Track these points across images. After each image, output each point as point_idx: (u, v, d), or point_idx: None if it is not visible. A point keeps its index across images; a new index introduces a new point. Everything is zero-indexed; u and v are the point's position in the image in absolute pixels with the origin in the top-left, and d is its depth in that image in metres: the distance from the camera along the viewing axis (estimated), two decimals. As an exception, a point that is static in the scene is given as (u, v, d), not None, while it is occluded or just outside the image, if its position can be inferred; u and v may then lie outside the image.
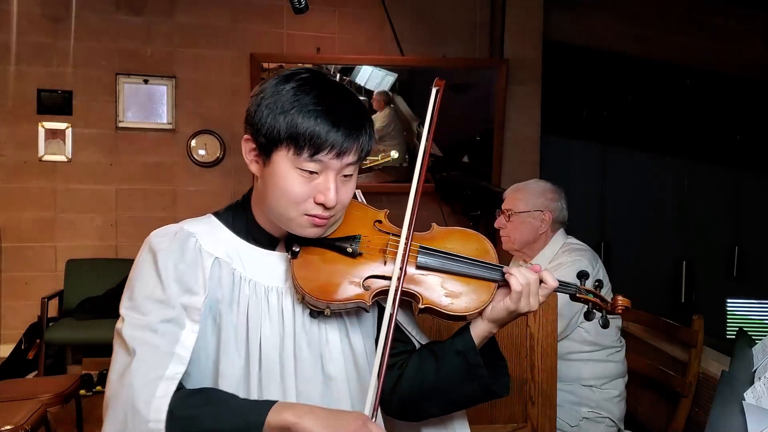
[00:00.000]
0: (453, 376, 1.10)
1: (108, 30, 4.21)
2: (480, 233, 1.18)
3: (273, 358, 1.07)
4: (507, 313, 1.10)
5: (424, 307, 1.08)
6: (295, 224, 1.06)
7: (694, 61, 5.07)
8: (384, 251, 1.11)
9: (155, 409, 0.92)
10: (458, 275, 1.11)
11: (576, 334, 2.12)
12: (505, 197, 2.31)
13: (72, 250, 4.15)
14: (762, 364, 1.29)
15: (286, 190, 1.03)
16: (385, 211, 1.18)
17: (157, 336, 1.00)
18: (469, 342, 1.11)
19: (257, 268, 1.10)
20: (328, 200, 1.03)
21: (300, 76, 1.05)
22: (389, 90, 4.54)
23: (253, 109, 1.05)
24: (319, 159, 1.02)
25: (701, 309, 4.46)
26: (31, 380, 3.44)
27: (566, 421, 2.08)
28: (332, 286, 1.07)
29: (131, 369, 0.96)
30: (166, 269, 1.04)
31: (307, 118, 1.00)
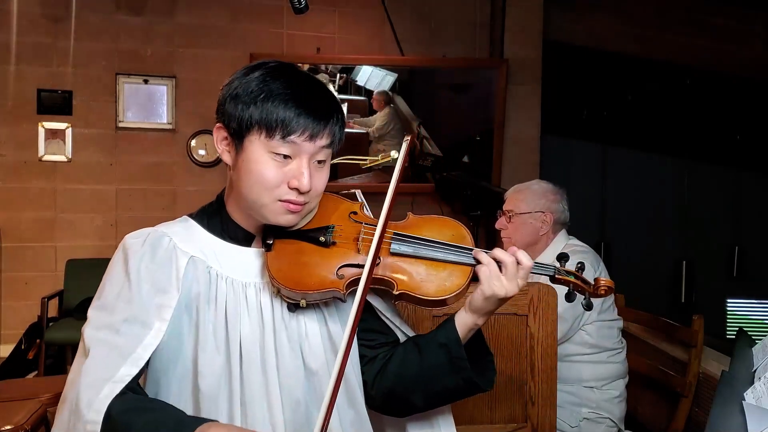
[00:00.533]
0: (436, 369, 1.09)
1: (108, 30, 4.21)
2: (456, 219, 1.17)
3: (254, 354, 1.06)
4: (484, 299, 1.07)
5: (398, 293, 1.08)
6: (269, 211, 1.06)
7: (694, 61, 5.07)
8: (357, 240, 1.11)
9: (95, 410, 0.91)
10: (433, 260, 1.09)
11: (577, 336, 2.12)
12: (506, 198, 2.31)
13: (72, 250, 4.15)
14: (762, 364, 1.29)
15: (259, 175, 1.03)
16: (360, 202, 1.19)
17: (117, 336, 0.99)
18: (452, 334, 1.10)
19: (233, 265, 1.10)
20: (302, 185, 1.03)
21: (268, 65, 1.07)
22: (389, 90, 4.54)
23: (224, 99, 1.07)
24: (291, 140, 1.02)
25: (701, 309, 4.47)
26: (31, 380, 3.44)
27: (566, 422, 2.08)
28: (306, 276, 1.07)
29: (82, 370, 0.97)
30: (137, 270, 1.04)
31: (278, 102, 1.02)
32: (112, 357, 0.97)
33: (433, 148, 4.59)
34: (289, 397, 1.07)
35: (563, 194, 2.27)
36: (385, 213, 1.08)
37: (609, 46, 4.95)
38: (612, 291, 1.13)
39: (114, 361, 0.97)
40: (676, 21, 5.04)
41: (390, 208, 1.09)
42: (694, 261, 5.28)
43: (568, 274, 1.13)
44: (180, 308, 1.05)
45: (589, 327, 2.12)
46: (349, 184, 4.42)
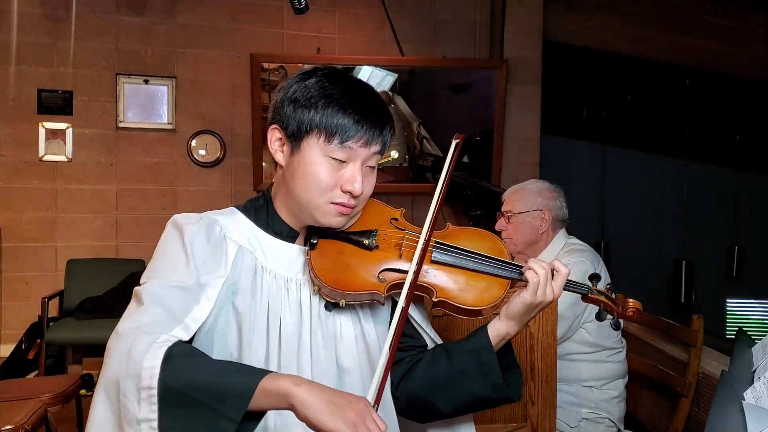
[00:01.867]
0: (465, 374, 1.11)
1: (108, 30, 4.21)
2: (494, 234, 1.20)
3: (292, 348, 1.09)
4: (524, 307, 1.10)
5: (437, 300, 1.10)
6: (321, 212, 1.09)
7: (694, 61, 5.08)
8: (400, 246, 1.14)
9: (152, 355, 0.88)
10: (472, 271, 1.13)
11: (577, 334, 2.12)
12: (504, 199, 2.31)
13: (72, 250, 4.15)
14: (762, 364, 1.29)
15: (315, 177, 1.06)
16: (401, 210, 1.21)
17: (171, 301, 1.01)
18: (484, 340, 1.12)
19: (277, 258, 1.13)
20: (355, 189, 1.06)
21: (323, 71, 1.10)
22: (389, 90, 4.54)
23: (281, 102, 1.09)
24: (348, 146, 1.05)
25: (701, 309, 4.47)
26: (32, 380, 3.44)
27: (566, 422, 2.08)
28: (348, 277, 1.09)
29: (141, 318, 0.97)
30: (192, 245, 1.06)
31: (338, 108, 1.05)
32: (168, 317, 0.99)
33: (433, 148, 4.59)
34: None
35: (560, 192, 2.28)
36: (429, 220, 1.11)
37: (609, 46, 4.96)
38: (639, 312, 1.16)
39: (168, 322, 0.98)
40: (676, 21, 5.04)
41: (436, 216, 1.12)
42: (694, 261, 5.28)
43: (600, 294, 1.17)
44: (226, 294, 1.07)
45: (589, 325, 2.12)
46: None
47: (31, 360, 3.79)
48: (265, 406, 0.89)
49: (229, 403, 0.86)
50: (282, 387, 0.87)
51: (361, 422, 0.86)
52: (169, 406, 0.87)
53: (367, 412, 0.88)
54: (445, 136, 4.61)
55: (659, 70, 5.16)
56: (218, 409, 0.86)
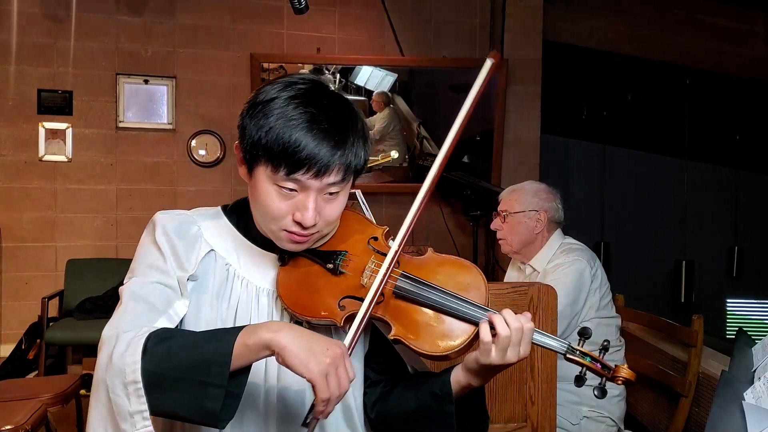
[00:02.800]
0: (427, 416, 1.08)
1: (108, 30, 4.21)
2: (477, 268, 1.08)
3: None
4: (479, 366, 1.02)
5: (393, 338, 1.03)
6: (275, 238, 1.06)
7: (694, 61, 5.08)
8: (364, 272, 1.07)
9: (132, 351, 0.90)
10: (436, 310, 1.03)
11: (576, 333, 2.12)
12: (501, 200, 2.33)
13: (72, 250, 4.15)
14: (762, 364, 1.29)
15: (265, 206, 1.02)
16: (384, 228, 1.13)
17: (153, 294, 1.01)
18: (446, 387, 1.06)
19: (252, 267, 1.10)
20: (306, 220, 0.99)
21: (296, 87, 1.01)
22: (389, 90, 4.54)
23: (241, 119, 1.04)
24: (295, 178, 0.98)
25: (701, 309, 4.47)
26: (32, 380, 3.44)
27: (568, 420, 2.09)
28: (309, 301, 1.05)
29: (122, 319, 0.98)
30: (164, 242, 1.05)
31: (286, 134, 0.96)
32: (150, 311, 0.99)
33: (433, 148, 4.59)
34: (285, 408, 1.07)
35: (556, 194, 2.29)
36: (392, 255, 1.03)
37: (609, 46, 4.96)
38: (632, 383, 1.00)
39: (151, 315, 0.99)
40: (676, 21, 5.04)
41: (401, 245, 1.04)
42: (694, 261, 5.28)
43: (585, 356, 1.01)
44: (194, 296, 1.06)
45: (587, 324, 2.12)
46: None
47: (31, 360, 3.79)
48: (250, 359, 0.90)
49: (212, 372, 0.87)
50: (262, 338, 0.88)
51: (332, 370, 0.88)
52: (156, 393, 0.88)
53: (341, 360, 0.89)
54: (445, 136, 4.61)
55: (659, 70, 5.16)
56: (203, 380, 0.87)
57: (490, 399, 1.69)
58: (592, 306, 2.12)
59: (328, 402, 0.88)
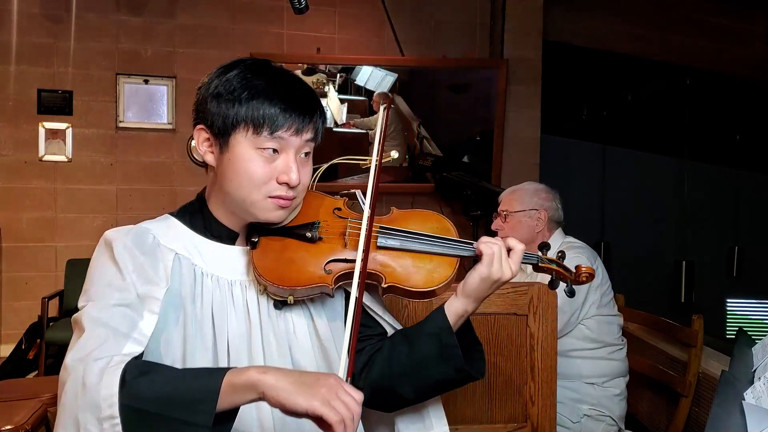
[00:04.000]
0: (426, 359, 1.08)
1: (108, 30, 4.21)
2: (441, 214, 1.19)
3: (242, 352, 1.06)
4: (480, 281, 1.08)
5: (387, 286, 1.08)
6: (259, 208, 1.06)
7: (694, 61, 5.08)
8: (344, 235, 1.11)
9: (107, 383, 0.85)
10: (420, 253, 1.11)
11: (577, 331, 2.14)
12: (501, 200, 2.35)
13: (72, 250, 4.15)
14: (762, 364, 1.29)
15: (247, 173, 1.03)
16: (343, 199, 1.19)
17: (115, 319, 0.96)
18: (442, 322, 1.09)
19: (218, 262, 1.09)
20: (291, 179, 1.03)
21: (245, 63, 1.07)
22: (389, 90, 4.54)
23: (203, 99, 1.06)
24: (279, 136, 1.03)
25: (701, 309, 4.47)
26: (32, 380, 3.44)
27: (568, 418, 2.09)
28: (294, 272, 1.06)
29: (87, 345, 0.92)
30: (123, 259, 1.02)
31: (263, 98, 1.02)
32: (114, 336, 0.94)
33: (433, 148, 4.59)
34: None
35: (556, 194, 2.33)
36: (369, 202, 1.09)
37: (609, 46, 4.96)
38: (593, 277, 1.16)
39: (118, 340, 0.94)
40: (676, 21, 5.04)
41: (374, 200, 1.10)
42: (694, 261, 5.28)
43: (551, 263, 1.16)
44: (168, 304, 1.03)
45: (588, 321, 2.14)
46: (349, 184, 4.42)
47: (31, 360, 3.79)
48: (236, 402, 0.87)
49: (196, 410, 0.83)
50: (250, 378, 0.86)
51: (334, 396, 0.85)
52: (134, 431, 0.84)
53: (339, 386, 0.87)
54: (445, 136, 4.62)
55: (659, 70, 5.16)
56: (187, 419, 0.83)
57: (490, 400, 1.69)
58: (594, 303, 2.13)
59: (344, 427, 0.84)
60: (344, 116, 4.50)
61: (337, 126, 4.51)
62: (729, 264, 5.42)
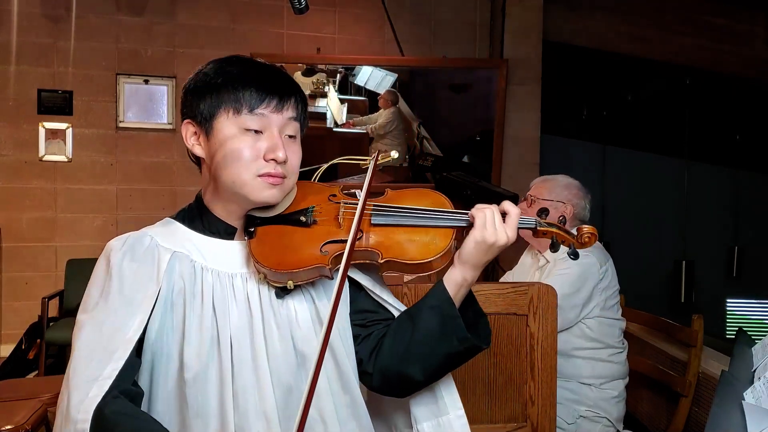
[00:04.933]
0: (430, 333, 1.09)
1: (108, 30, 4.21)
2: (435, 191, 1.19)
3: (244, 343, 1.07)
4: (475, 245, 1.08)
5: (384, 261, 1.09)
6: (251, 189, 1.07)
7: (694, 61, 5.08)
8: (338, 217, 1.13)
9: (84, 410, 0.93)
10: (414, 227, 1.11)
11: (577, 329, 2.13)
12: (532, 186, 2.35)
13: (72, 250, 4.15)
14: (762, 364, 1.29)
15: (234, 152, 1.06)
16: (339, 185, 1.20)
17: (101, 334, 1.01)
18: (442, 294, 1.10)
19: (218, 257, 1.11)
20: (277, 155, 1.05)
21: (220, 59, 1.13)
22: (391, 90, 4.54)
23: (185, 95, 1.11)
24: (259, 113, 1.06)
25: (701, 309, 4.47)
26: (32, 380, 3.44)
27: (563, 419, 2.09)
28: (291, 257, 1.08)
29: (70, 371, 0.99)
30: (118, 268, 1.06)
31: (239, 80, 1.06)
32: (97, 355, 0.99)
33: (433, 148, 4.59)
34: (280, 383, 1.07)
35: (587, 194, 2.32)
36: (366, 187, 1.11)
37: (609, 46, 4.96)
38: (596, 237, 1.14)
39: (99, 360, 0.98)
40: (676, 21, 5.04)
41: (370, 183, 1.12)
42: (694, 261, 5.28)
43: (550, 226, 1.15)
44: (164, 304, 1.06)
45: (590, 321, 2.13)
46: (349, 183, 4.42)
47: (31, 360, 3.79)
48: None
49: None
50: None
51: None
52: None
53: None
54: (445, 136, 4.62)
55: (659, 70, 5.16)
56: None
57: (490, 399, 1.69)
58: (598, 304, 2.12)
59: None
60: (344, 116, 4.51)
61: (337, 126, 4.51)
62: (729, 264, 5.42)
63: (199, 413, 1.04)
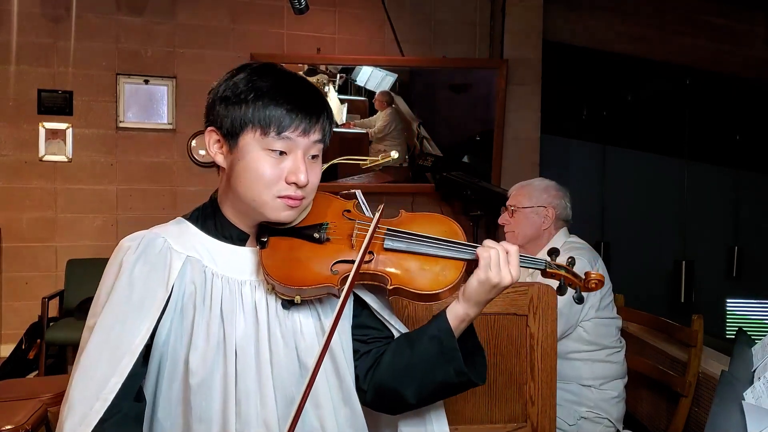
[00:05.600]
0: (427, 361, 1.10)
1: (108, 30, 4.21)
2: (449, 218, 1.19)
3: (249, 351, 1.07)
4: (478, 285, 1.08)
5: (393, 287, 1.09)
6: (269, 208, 1.07)
7: (694, 61, 5.07)
8: (351, 236, 1.12)
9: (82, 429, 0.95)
10: (426, 255, 1.11)
11: (575, 333, 2.13)
12: (510, 194, 2.34)
13: (72, 250, 4.15)
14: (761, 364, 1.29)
15: (257, 173, 1.05)
16: (353, 201, 1.20)
17: (108, 340, 1.01)
18: (443, 324, 1.11)
19: (228, 263, 1.11)
20: (300, 179, 1.05)
21: (252, 66, 1.10)
22: (389, 90, 4.54)
23: (212, 102, 1.10)
24: (286, 136, 1.04)
25: (701, 309, 4.47)
26: (32, 380, 3.44)
27: (564, 420, 2.09)
28: (301, 272, 1.08)
29: (75, 380, 0.99)
30: (130, 272, 1.05)
31: (269, 99, 1.04)
32: (102, 367, 1.00)
33: (433, 148, 4.59)
34: (283, 393, 1.08)
35: (566, 192, 2.32)
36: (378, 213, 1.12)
37: (609, 46, 4.96)
38: (602, 284, 1.15)
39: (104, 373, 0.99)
40: (676, 21, 5.04)
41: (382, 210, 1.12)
42: (694, 261, 5.28)
43: (559, 268, 1.15)
44: (174, 309, 1.06)
45: (586, 324, 2.13)
46: (349, 184, 4.42)
47: (31, 360, 3.79)
48: None
49: None
50: None
51: None
52: None
53: None
54: (445, 136, 4.61)
55: (659, 70, 5.16)
56: None
57: (490, 400, 1.69)
58: (593, 306, 2.12)
59: None
60: (344, 116, 4.50)
61: (337, 126, 4.51)
62: (729, 264, 5.42)
63: (202, 418, 1.05)
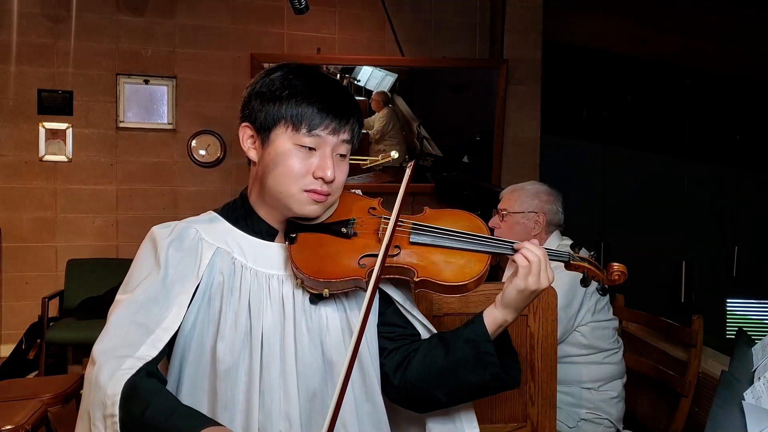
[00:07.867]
0: (462, 364, 1.11)
1: (108, 30, 4.21)
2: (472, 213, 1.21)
3: (274, 344, 1.09)
4: (517, 293, 1.10)
5: (419, 280, 1.11)
6: (295, 201, 1.11)
7: (694, 61, 5.07)
8: (377, 231, 1.15)
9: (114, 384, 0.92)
10: (451, 249, 1.14)
11: (571, 337, 2.12)
12: (502, 197, 2.32)
13: (72, 250, 4.15)
14: (761, 364, 1.29)
15: (286, 166, 1.09)
16: (379, 199, 1.23)
17: (139, 315, 1.03)
18: (480, 329, 1.12)
19: (257, 257, 1.13)
20: (326, 174, 1.09)
21: (289, 66, 1.14)
22: (389, 90, 4.54)
23: (248, 97, 1.13)
24: (316, 134, 1.08)
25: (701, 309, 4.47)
26: (32, 380, 3.44)
27: (564, 423, 2.08)
28: (330, 266, 1.10)
29: (103, 342, 1.00)
30: (165, 256, 1.08)
31: (302, 98, 1.08)
32: (134, 334, 1.01)
33: (433, 148, 4.59)
34: (306, 387, 1.10)
35: (558, 196, 2.27)
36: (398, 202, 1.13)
37: (609, 46, 4.96)
38: (625, 276, 1.17)
39: (136, 339, 1.00)
40: (676, 21, 5.04)
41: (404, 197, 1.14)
42: (694, 261, 5.28)
43: (582, 261, 1.18)
44: (202, 297, 1.09)
45: (583, 328, 2.12)
46: (349, 184, 4.41)
47: (31, 360, 3.79)
48: None
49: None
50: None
51: None
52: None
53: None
54: (445, 136, 4.61)
55: (659, 70, 5.16)
56: None
57: (490, 399, 1.69)
58: (589, 309, 2.12)
59: None
60: (344, 116, 4.50)
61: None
62: (729, 264, 5.41)
63: (227, 406, 1.06)
